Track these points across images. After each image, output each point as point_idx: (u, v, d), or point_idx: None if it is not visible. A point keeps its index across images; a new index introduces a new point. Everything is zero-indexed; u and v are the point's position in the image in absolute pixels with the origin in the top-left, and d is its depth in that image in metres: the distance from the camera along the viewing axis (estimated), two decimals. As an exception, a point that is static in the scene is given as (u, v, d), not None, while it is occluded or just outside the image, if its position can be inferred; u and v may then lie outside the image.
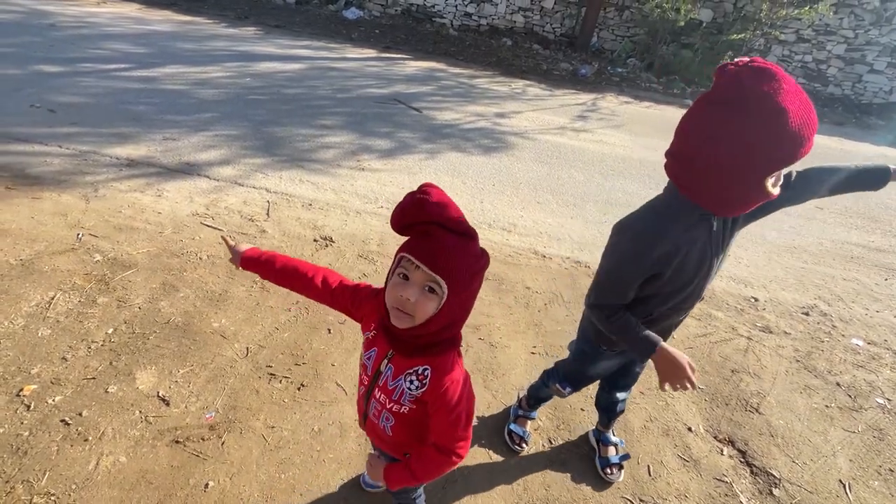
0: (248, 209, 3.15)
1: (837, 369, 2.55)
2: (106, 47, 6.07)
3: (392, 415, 1.01)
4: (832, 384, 2.44)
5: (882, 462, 2.03)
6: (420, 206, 0.82)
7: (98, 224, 2.72)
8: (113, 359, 1.92)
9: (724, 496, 1.78)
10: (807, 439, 2.08)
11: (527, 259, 3.10)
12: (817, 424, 2.17)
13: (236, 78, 5.71)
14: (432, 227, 0.82)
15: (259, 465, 1.62)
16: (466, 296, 0.88)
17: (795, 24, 9.48)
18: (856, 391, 2.41)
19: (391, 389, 0.98)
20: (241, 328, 2.18)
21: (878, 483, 1.93)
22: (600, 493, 1.72)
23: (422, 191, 0.84)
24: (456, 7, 10.55)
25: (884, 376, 2.56)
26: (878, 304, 3.25)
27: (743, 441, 2.02)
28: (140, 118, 4.23)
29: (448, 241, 0.82)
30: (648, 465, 1.86)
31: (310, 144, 4.29)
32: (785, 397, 2.30)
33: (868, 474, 1.96)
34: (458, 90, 6.92)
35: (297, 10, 10.25)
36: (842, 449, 2.06)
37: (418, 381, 0.94)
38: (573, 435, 1.94)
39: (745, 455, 1.96)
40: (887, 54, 9.42)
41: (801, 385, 2.40)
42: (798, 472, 1.92)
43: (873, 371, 2.58)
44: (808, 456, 2.00)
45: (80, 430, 1.63)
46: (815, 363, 2.57)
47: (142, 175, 3.36)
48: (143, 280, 2.36)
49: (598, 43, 10.37)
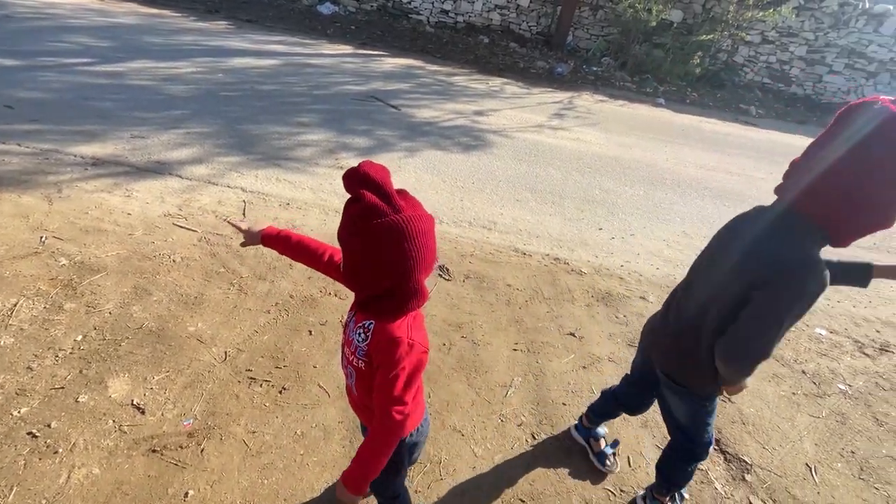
0: (222, 209, 3.07)
1: (803, 358, 2.67)
2: (67, 40, 5.79)
3: (354, 369, 1.08)
4: (798, 372, 2.55)
5: (844, 445, 2.14)
6: (349, 172, 0.92)
7: (63, 226, 2.61)
8: (83, 367, 1.84)
9: (700, 483, 1.85)
10: (776, 426, 2.18)
11: (507, 256, 3.13)
12: (785, 411, 2.27)
13: (208, 74, 5.54)
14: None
15: (240, 472, 1.59)
16: (349, 253, 0.95)
17: (760, 26, 9.83)
18: (820, 378, 2.53)
19: (350, 340, 1.06)
20: (218, 331, 2.12)
21: (840, 465, 2.04)
22: (583, 486, 1.76)
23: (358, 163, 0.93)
24: (433, 4, 10.50)
25: (845, 363, 2.69)
26: (839, 294, 3.42)
27: (717, 429, 2.10)
28: (106, 115, 4.06)
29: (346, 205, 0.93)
30: (629, 456, 1.91)
31: (286, 142, 4.21)
32: (755, 386, 2.39)
33: (832, 457, 2.07)
34: (437, 87, 6.90)
35: (270, 5, 10.01)
36: (808, 434, 2.17)
37: (364, 333, 1.01)
38: (555, 429, 1.97)
39: (718, 443, 2.04)
40: (845, 56, 9.88)
41: (770, 374, 2.50)
42: (768, 458, 2.01)
43: (835, 359, 2.72)
44: (777, 441, 2.09)
45: (48, 443, 1.57)
46: (783, 353, 2.68)
47: (109, 175, 3.23)
48: (114, 284, 2.27)
49: (573, 42, 10.51)
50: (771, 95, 10.19)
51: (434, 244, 0.96)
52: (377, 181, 0.89)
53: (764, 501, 1.82)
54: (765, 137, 7.59)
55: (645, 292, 2.99)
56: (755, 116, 8.93)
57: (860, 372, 2.64)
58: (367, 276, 0.95)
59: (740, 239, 1.20)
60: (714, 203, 4.59)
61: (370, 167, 0.90)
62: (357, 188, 0.89)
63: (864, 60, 9.82)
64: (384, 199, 0.89)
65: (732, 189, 5.04)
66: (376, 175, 0.90)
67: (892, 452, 2.14)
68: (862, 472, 2.02)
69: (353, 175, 0.91)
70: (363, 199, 0.88)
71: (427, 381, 2.08)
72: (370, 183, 0.89)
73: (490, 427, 1.93)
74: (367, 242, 0.90)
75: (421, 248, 0.91)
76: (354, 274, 0.97)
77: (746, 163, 6.03)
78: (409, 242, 0.89)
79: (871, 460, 2.08)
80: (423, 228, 0.91)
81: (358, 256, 0.93)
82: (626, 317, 2.73)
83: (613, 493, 1.75)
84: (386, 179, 0.91)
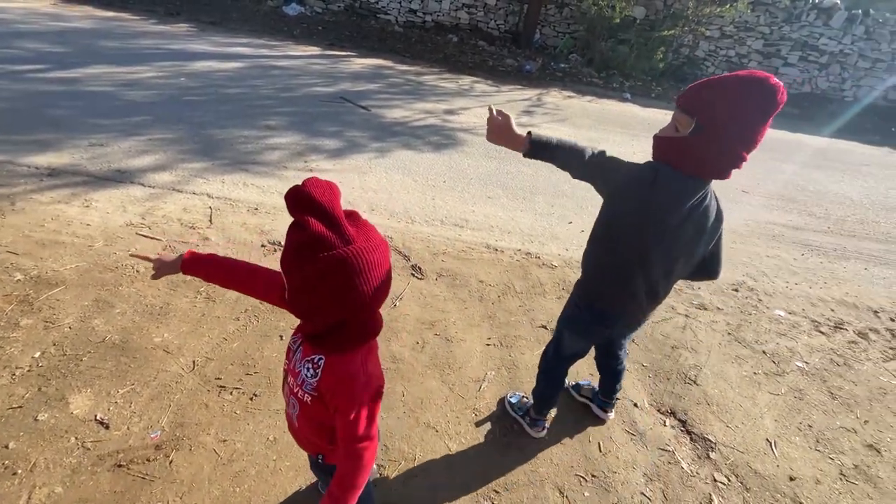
0: (188, 216, 3.00)
1: (763, 339, 2.79)
2: (17, 46, 5.55)
3: (297, 401, 1.01)
4: (759, 353, 2.67)
5: (802, 420, 2.25)
6: (291, 193, 0.82)
7: (17, 240, 2.51)
8: (42, 384, 1.78)
9: (667, 464, 1.92)
10: (738, 405, 2.28)
11: (479, 253, 3.16)
12: (747, 390, 2.38)
13: (169, 78, 5.40)
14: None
15: (211, 481, 1.57)
16: (295, 285, 0.84)
17: (719, 21, 10.17)
18: (779, 357, 2.66)
19: (297, 372, 0.98)
20: (185, 341, 2.08)
21: (798, 439, 2.14)
22: (556, 473, 1.80)
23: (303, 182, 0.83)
24: (400, 3, 10.48)
25: (802, 342, 2.83)
26: (797, 277, 3.58)
27: (683, 411, 2.18)
28: (61, 123, 3.91)
29: (286, 234, 0.84)
30: (599, 442, 1.96)
31: (253, 146, 4.14)
32: (719, 368, 2.49)
33: (790, 431, 2.17)
34: (406, 87, 6.89)
35: (234, 6, 9.80)
36: (768, 411, 2.27)
37: (314, 369, 0.94)
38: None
39: (685, 424, 2.12)
40: (798, 49, 10.31)
41: (733, 355, 2.61)
42: (731, 436, 2.10)
43: (793, 338, 2.85)
44: (739, 420, 2.19)
45: (6, 464, 1.51)
46: (744, 334, 2.80)
47: (66, 185, 3.12)
48: (73, 298, 2.20)
49: (540, 39, 10.65)
50: (731, 88, 10.54)
51: (389, 275, 0.89)
52: (324, 206, 0.79)
53: (727, 477, 1.90)
54: (726, 129, 7.86)
55: (614, 283, 3.07)
56: (717, 109, 9.23)
57: (816, 349, 2.78)
58: (315, 310, 0.86)
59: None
60: (679, 194, 4.73)
61: (316, 187, 0.80)
62: (302, 213, 0.79)
63: (817, 53, 10.28)
64: (332, 227, 0.79)
65: (696, 179, 5.20)
66: (322, 198, 0.79)
67: (845, 423, 2.27)
68: (818, 443, 2.13)
69: (297, 197, 0.79)
70: (308, 228, 0.78)
71: (401, 380, 2.09)
72: (316, 208, 0.79)
73: (464, 422, 1.95)
74: (315, 276, 0.80)
75: (374, 280, 0.84)
76: (301, 307, 0.88)
77: (709, 154, 6.23)
78: (360, 277, 0.81)
79: (826, 432, 2.20)
80: (375, 260, 0.83)
81: (304, 290, 0.83)
82: (596, 307, 2.80)
83: (585, 479, 1.80)
84: (335, 202, 0.81)
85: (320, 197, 0.79)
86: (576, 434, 1.99)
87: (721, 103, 1.17)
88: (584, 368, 2.27)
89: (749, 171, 5.71)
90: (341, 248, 0.79)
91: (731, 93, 1.16)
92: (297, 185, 0.80)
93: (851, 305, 3.31)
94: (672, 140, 1.27)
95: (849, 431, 2.23)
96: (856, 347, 2.86)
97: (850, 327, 3.05)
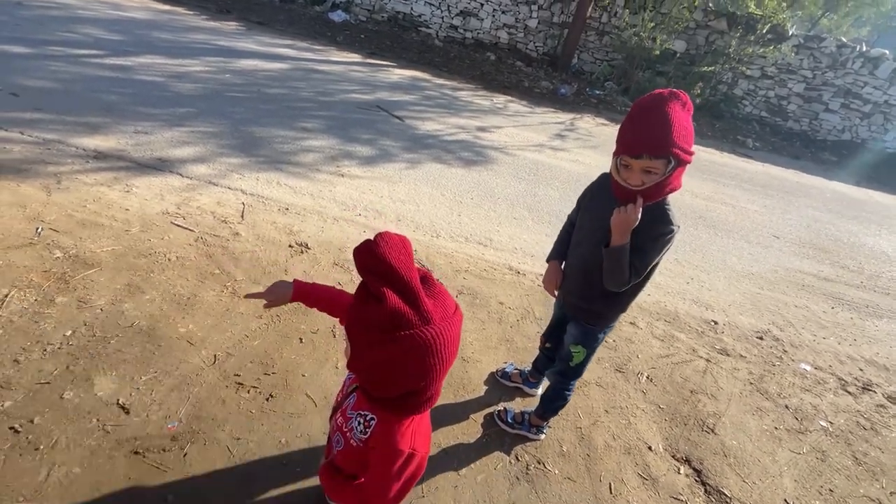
0: (221, 210, 3.08)
1: (787, 392, 2.70)
2: (77, 31, 5.83)
3: (343, 438, 1.02)
4: (781, 407, 2.58)
5: (823, 483, 2.16)
6: (364, 252, 0.76)
7: (60, 218, 2.61)
8: (70, 363, 1.84)
9: (679, 514, 1.86)
10: (757, 459, 2.20)
11: (501, 274, 3.16)
12: (767, 445, 2.30)
13: (216, 73, 5.59)
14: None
15: (223, 478, 1.59)
16: (363, 358, 0.78)
17: (760, 62, 10.07)
18: (802, 414, 2.56)
19: (348, 418, 0.99)
20: (209, 334, 2.12)
21: (818, 502, 2.06)
22: (563, 511, 1.77)
23: (375, 238, 0.76)
24: (442, 18, 10.68)
25: (827, 400, 2.73)
26: (825, 331, 3.47)
27: (698, 460, 2.12)
28: (111, 108, 4.08)
29: (356, 296, 0.76)
30: (610, 483, 1.92)
31: (289, 147, 4.24)
32: (738, 418, 2.42)
33: (810, 494, 2.09)
34: (441, 101, 6.99)
35: (282, 8, 10.13)
36: (788, 469, 2.19)
37: (364, 425, 0.94)
38: (540, 452, 1.98)
39: (700, 474, 2.05)
40: (841, 95, 10.12)
41: (754, 407, 2.53)
42: (748, 492, 2.02)
43: (818, 395, 2.75)
44: (757, 476, 2.11)
45: (30, 439, 1.55)
46: (767, 386, 2.72)
47: (110, 168, 3.24)
48: (107, 280, 2.27)
49: (578, 64, 10.69)
50: (768, 129, 10.40)
51: (458, 345, 0.83)
52: (402, 277, 0.73)
53: (741, 536, 1.83)
54: (760, 170, 7.73)
55: (635, 318, 3.02)
56: (752, 149, 9.10)
57: (842, 410, 2.67)
58: (379, 384, 0.82)
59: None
60: (708, 232, 4.66)
61: (391, 249, 0.73)
62: (378, 283, 0.73)
63: (860, 101, 10.07)
64: (411, 302, 0.73)
65: (726, 220, 5.11)
66: (400, 265, 0.73)
67: (869, 492, 2.17)
68: (839, 511, 2.04)
69: (372, 260, 0.72)
70: (386, 303, 0.71)
71: (414, 396, 2.08)
72: (393, 278, 0.72)
73: (475, 447, 1.93)
74: (388, 355, 0.74)
75: (448, 356, 0.79)
76: (365, 377, 0.84)
77: (740, 194, 6.13)
78: (436, 357, 0.76)
79: (849, 499, 2.10)
80: (451, 337, 0.78)
81: (374, 366, 0.79)
82: (616, 342, 2.75)
83: (593, 520, 1.76)
84: (411, 268, 0.75)
85: (398, 263, 0.73)
86: (586, 472, 1.94)
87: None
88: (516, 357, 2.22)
89: (781, 217, 5.61)
90: (419, 329, 0.73)
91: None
92: (370, 242, 0.73)
93: (882, 367, 3.19)
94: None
95: (872, 501, 2.13)
96: (884, 412, 2.75)
97: (880, 390, 2.93)
